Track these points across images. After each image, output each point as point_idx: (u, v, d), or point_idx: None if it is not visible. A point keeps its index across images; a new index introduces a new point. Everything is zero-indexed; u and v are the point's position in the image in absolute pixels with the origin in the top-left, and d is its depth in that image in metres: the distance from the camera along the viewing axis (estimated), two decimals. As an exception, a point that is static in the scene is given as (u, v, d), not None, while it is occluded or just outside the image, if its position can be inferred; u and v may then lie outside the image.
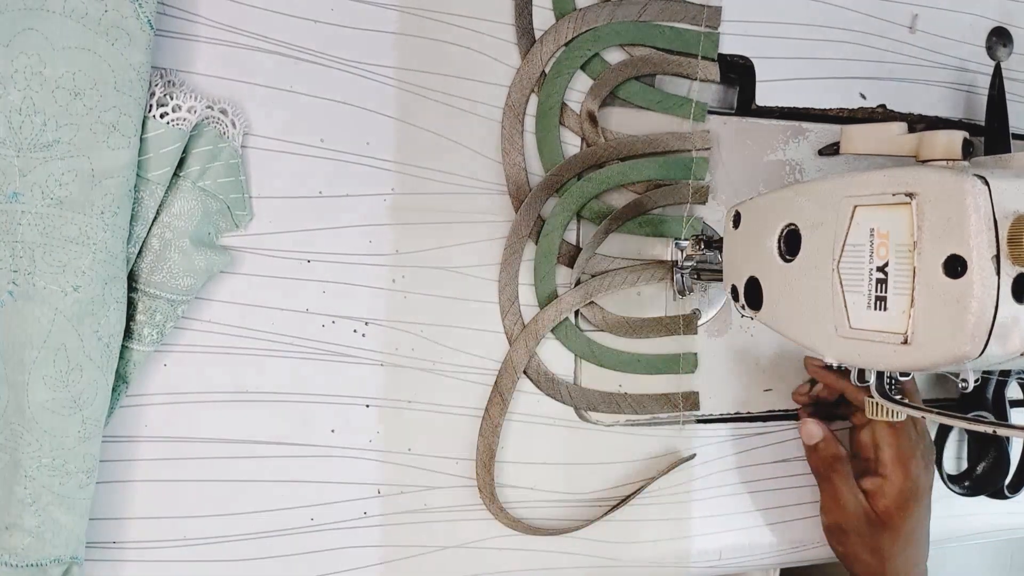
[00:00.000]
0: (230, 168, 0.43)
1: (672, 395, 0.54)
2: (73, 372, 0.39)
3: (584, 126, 0.51)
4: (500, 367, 0.50)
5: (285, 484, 0.47)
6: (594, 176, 0.51)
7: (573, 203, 0.51)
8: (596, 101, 0.51)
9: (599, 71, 0.51)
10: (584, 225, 0.52)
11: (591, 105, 0.51)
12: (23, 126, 0.37)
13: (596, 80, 0.51)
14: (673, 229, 0.53)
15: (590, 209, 0.51)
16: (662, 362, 0.54)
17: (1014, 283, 0.34)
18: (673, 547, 0.55)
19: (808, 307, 0.41)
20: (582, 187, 0.51)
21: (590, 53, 0.51)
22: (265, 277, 0.46)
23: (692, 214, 0.53)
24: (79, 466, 0.40)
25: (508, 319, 0.50)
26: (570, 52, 0.50)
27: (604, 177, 0.51)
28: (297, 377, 0.47)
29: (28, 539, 0.39)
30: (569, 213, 0.51)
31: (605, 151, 0.51)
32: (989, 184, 0.34)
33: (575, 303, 0.51)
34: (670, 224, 0.53)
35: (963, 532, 0.57)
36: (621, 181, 0.52)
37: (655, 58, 0.52)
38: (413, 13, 0.48)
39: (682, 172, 0.53)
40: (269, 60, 0.45)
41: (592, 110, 0.51)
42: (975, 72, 0.61)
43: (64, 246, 0.38)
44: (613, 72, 0.51)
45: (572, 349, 0.52)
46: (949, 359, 0.35)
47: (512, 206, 0.50)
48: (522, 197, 0.50)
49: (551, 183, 0.50)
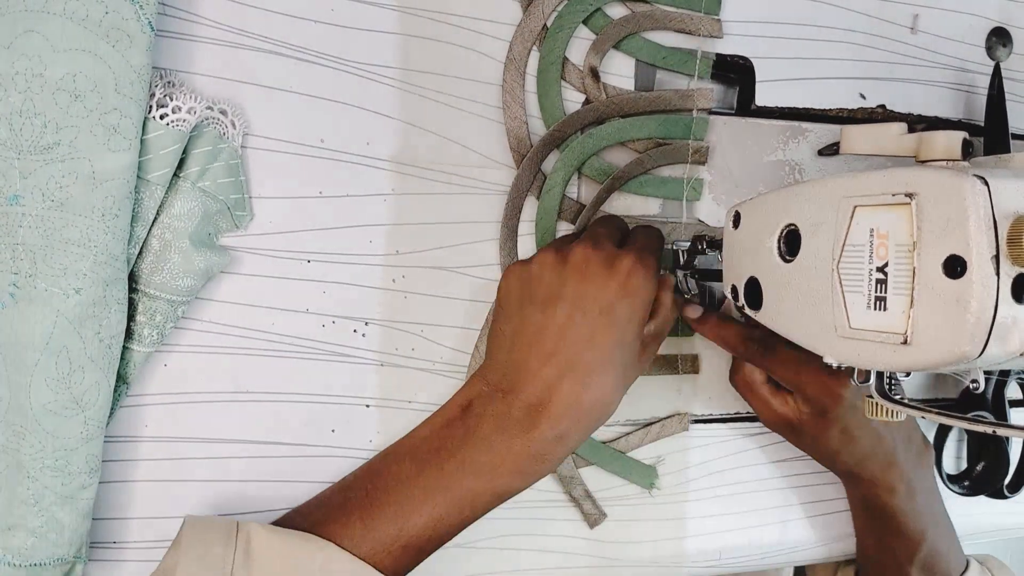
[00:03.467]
0: (230, 168, 0.43)
1: (671, 356, 0.54)
2: (75, 374, 0.39)
3: (586, 82, 0.51)
4: None
5: (285, 484, 0.47)
6: (596, 132, 0.51)
7: (575, 159, 0.50)
8: (599, 56, 0.51)
9: (601, 25, 0.51)
10: (585, 183, 0.52)
11: (593, 60, 0.51)
12: (24, 128, 0.37)
13: (598, 35, 0.51)
14: (674, 190, 0.53)
15: (591, 166, 0.51)
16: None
17: (1014, 283, 0.34)
18: (672, 547, 0.55)
19: (808, 307, 0.41)
20: (583, 143, 0.51)
21: (592, 7, 0.50)
22: (265, 277, 0.46)
23: (693, 175, 0.53)
24: (81, 467, 0.40)
25: None
26: (572, 6, 0.50)
27: (606, 133, 0.51)
28: (297, 377, 0.47)
29: (31, 539, 0.39)
30: (571, 169, 0.50)
31: (607, 107, 0.51)
32: (989, 184, 0.34)
33: None
34: (671, 185, 0.53)
35: (963, 532, 0.57)
36: (623, 138, 0.51)
37: (658, 13, 0.52)
38: (413, 13, 0.48)
39: (684, 131, 0.52)
40: (269, 60, 0.45)
41: (594, 65, 0.51)
42: (975, 72, 0.61)
43: (65, 248, 0.38)
44: (615, 27, 0.51)
45: None
46: (949, 359, 0.35)
47: (513, 160, 0.50)
48: (523, 151, 0.50)
49: (553, 137, 0.50)
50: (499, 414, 0.43)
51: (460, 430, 0.44)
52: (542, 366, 0.43)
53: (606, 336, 0.44)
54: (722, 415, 0.56)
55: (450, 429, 0.45)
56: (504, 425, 0.43)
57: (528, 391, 0.43)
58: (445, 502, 0.42)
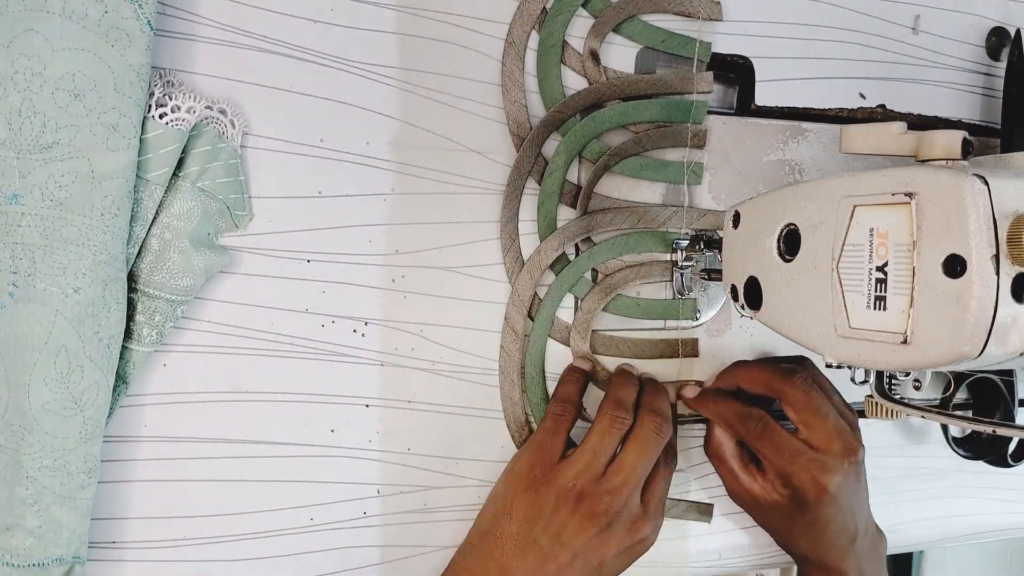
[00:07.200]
0: (229, 168, 0.43)
1: (671, 340, 0.54)
2: (74, 373, 0.39)
3: (586, 64, 0.51)
4: (506, 304, 0.50)
5: (285, 484, 0.47)
6: (597, 115, 0.51)
7: (577, 141, 0.50)
8: (598, 39, 0.51)
9: (600, 8, 0.51)
10: (586, 167, 0.52)
11: (593, 43, 0.51)
12: (23, 128, 0.37)
13: (597, 18, 0.51)
14: (674, 175, 0.53)
15: (591, 150, 0.51)
16: (661, 308, 0.54)
17: (1013, 283, 0.34)
18: (672, 547, 0.55)
19: (808, 307, 0.41)
20: (585, 126, 0.51)
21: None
22: (265, 277, 0.46)
23: (693, 159, 0.53)
24: (80, 466, 0.40)
25: (509, 257, 0.50)
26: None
27: (607, 116, 0.51)
28: (297, 377, 0.47)
29: (30, 539, 0.39)
30: (573, 151, 0.50)
31: (608, 89, 0.51)
32: (988, 184, 0.34)
33: (578, 232, 0.51)
34: (672, 169, 0.53)
35: (963, 532, 0.57)
36: (624, 120, 0.51)
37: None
38: (412, 13, 0.48)
39: (685, 115, 0.52)
40: (269, 60, 0.45)
41: (594, 48, 0.51)
42: (975, 72, 0.61)
43: (64, 248, 0.38)
44: (615, 10, 0.51)
45: (575, 292, 0.52)
46: (948, 359, 0.35)
47: (513, 144, 0.50)
48: (523, 135, 0.50)
49: (553, 119, 0.50)
50: None
51: None
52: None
53: None
54: (722, 415, 0.56)
55: None
56: None
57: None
58: None
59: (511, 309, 0.50)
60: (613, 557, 0.46)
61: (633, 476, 0.46)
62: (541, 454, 0.47)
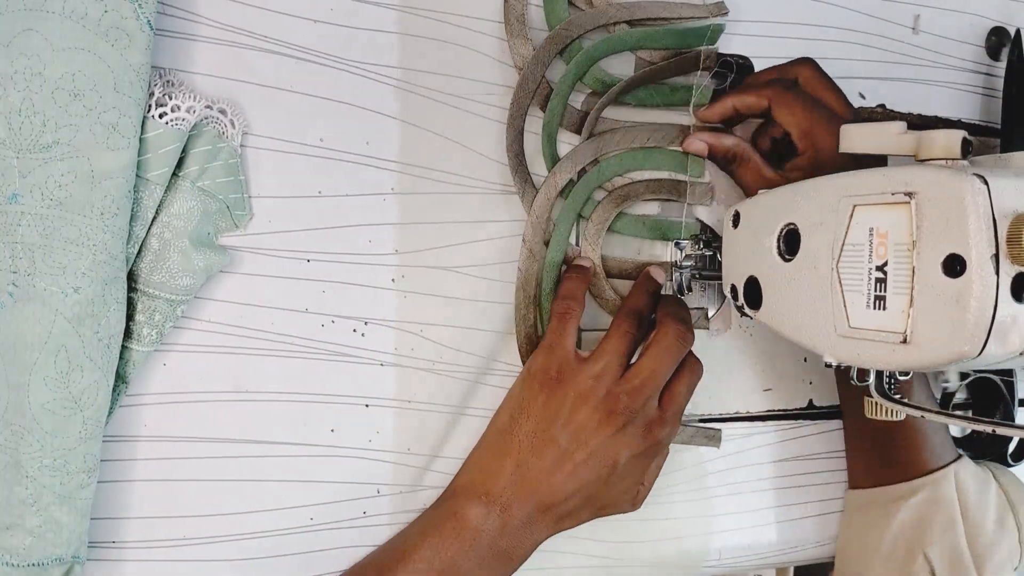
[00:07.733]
0: (229, 168, 0.44)
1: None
2: (74, 373, 0.39)
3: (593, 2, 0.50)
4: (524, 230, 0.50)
5: (285, 484, 0.47)
6: (611, 37, 0.50)
7: (586, 61, 0.50)
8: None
9: None
10: (590, 99, 0.51)
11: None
12: (23, 127, 0.37)
13: None
14: (682, 97, 0.52)
15: (592, 76, 0.50)
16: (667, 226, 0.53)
17: (1013, 282, 0.34)
18: (672, 547, 0.55)
19: (807, 307, 0.41)
20: (596, 46, 0.50)
21: None
22: (265, 277, 0.46)
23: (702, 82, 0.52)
24: (80, 466, 0.40)
25: (518, 177, 0.50)
26: None
27: (621, 39, 0.50)
28: (297, 377, 0.47)
29: (29, 539, 0.39)
30: (582, 69, 0.50)
31: (616, 11, 0.50)
32: (988, 183, 0.34)
33: (589, 153, 0.50)
34: (680, 93, 0.52)
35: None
36: (638, 45, 0.51)
37: None
38: (413, 12, 0.48)
39: (699, 40, 0.52)
40: (269, 60, 0.45)
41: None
42: (975, 72, 0.61)
43: (64, 247, 0.38)
44: None
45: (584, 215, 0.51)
46: (948, 358, 0.35)
47: (516, 72, 0.49)
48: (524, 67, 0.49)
49: (560, 36, 0.49)
50: (498, 528, 0.45)
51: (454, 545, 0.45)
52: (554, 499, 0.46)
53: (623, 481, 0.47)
54: (721, 415, 0.56)
55: (442, 541, 0.45)
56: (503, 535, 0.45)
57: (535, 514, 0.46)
58: None
59: (528, 230, 0.50)
60: (627, 458, 0.46)
61: (652, 379, 0.46)
62: (554, 353, 0.47)
